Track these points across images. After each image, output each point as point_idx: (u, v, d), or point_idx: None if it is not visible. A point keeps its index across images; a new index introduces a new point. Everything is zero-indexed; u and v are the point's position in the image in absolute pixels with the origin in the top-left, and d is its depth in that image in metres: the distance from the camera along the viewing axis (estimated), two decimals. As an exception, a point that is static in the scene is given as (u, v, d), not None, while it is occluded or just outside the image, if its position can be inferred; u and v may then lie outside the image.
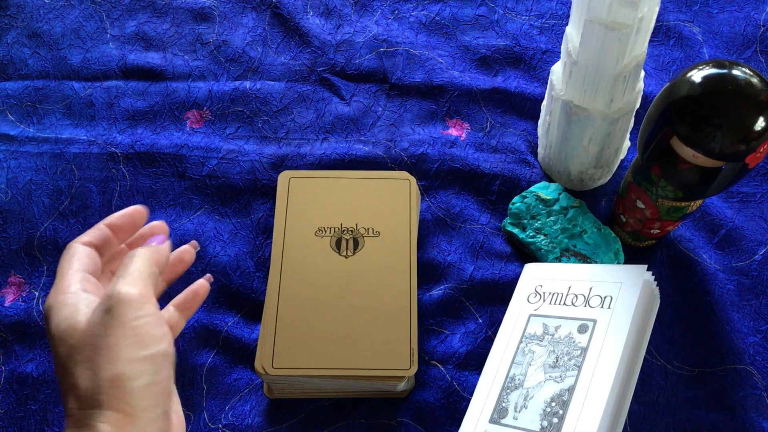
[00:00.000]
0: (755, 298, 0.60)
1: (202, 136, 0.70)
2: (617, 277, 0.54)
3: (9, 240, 0.65)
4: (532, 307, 0.57)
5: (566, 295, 0.56)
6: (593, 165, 0.62)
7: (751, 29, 0.73)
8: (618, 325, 0.51)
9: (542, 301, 0.57)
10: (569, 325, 0.54)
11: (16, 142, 0.70)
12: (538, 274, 0.59)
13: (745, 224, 0.63)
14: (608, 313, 0.52)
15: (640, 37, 0.51)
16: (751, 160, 0.46)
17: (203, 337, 0.60)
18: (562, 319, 0.54)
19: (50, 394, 0.58)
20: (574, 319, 0.54)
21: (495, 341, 0.57)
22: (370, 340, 0.54)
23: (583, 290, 0.55)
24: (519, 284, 0.60)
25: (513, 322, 0.57)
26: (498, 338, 0.57)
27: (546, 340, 0.54)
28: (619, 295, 0.53)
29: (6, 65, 0.75)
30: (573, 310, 0.54)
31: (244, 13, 0.78)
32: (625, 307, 0.52)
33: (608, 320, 0.52)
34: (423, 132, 0.70)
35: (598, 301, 0.54)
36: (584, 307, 0.54)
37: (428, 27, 0.76)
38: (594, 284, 0.55)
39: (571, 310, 0.54)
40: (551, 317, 0.55)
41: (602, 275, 0.55)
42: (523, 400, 0.51)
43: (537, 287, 0.58)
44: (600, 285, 0.55)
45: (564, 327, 0.54)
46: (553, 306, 0.56)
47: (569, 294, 0.56)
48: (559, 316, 0.55)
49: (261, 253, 0.64)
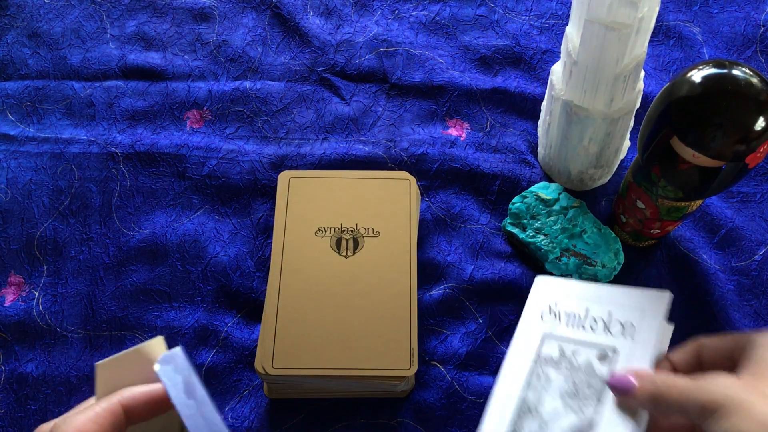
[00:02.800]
0: (755, 298, 0.60)
1: (202, 136, 0.70)
2: (639, 302, 0.52)
3: (9, 240, 0.65)
4: (547, 327, 0.54)
5: (584, 318, 0.53)
6: (593, 165, 0.62)
7: (751, 29, 0.73)
8: (640, 358, 0.49)
9: (558, 320, 0.54)
10: (588, 351, 0.51)
11: (16, 142, 0.70)
12: (552, 290, 0.56)
13: (745, 224, 0.63)
14: (630, 343, 0.50)
15: (640, 37, 0.51)
16: (751, 160, 0.46)
17: (203, 337, 0.60)
18: (580, 344, 0.52)
19: (50, 394, 0.58)
20: (594, 345, 0.51)
21: (506, 357, 0.54)
22: (370, 340, 0.54)
23: (602, 314, 0.53)
24: (530, 298, 0.57)
25: (525, 339, 0.54)
26: (509, 355, 0.54)
27: (563, 366, 0.51)
28: (642, 324, 0.51)
29: (6, 65, 0.75)
30: (592, 335, 0.52)
31: (244, 13, 0.78)
32: (648, 338, 0.50)
33: (630, 351, 0.50)
34: (423, 132, 0.70)
35: (619, 328, 0.51)
36: (604, 333, 0.52)
37: (428, 27, 0.76)
38: (614, 308, 0.53)
39: (589, 335, 0.52)
40: (568, 340, 0.53)
41: (622, 299, 0.53)
42: (539, 429, 0.49)
43: (551, 305, 0.55)
44: (620, 310, 0.52)
45: (582, 353, 0.51)
46: (569, 328, 0.53)
47: (587, 317, 0.53)
48: (576, 340, 0.52)
49: (261, 253, 0.64)
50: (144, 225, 0.65)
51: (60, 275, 0.63)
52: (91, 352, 0.60)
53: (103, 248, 0.64)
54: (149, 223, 0.65)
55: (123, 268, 0.63)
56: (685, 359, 0.45)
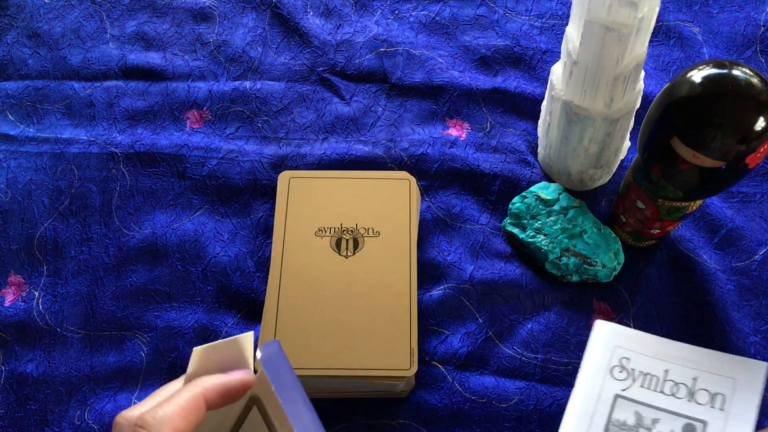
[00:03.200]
0: (755, 298, 0.60)
1: (202, 136, 0.70)
2: (730, 370, 0.48)
3: (9, 240, 0.65)
4: (619, 386, 0.49)
5: (663, 380, 0.48)
6: (593, 165, 0.62)
7: (751, 29, 0.73)
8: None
9: (632, 380, 0.49)
10: (671, 421, 0.46)
11: (16, 142, 0.70)
12: (622, 342, 0.51)
13: (745, 224, 0.63)
14: (722, 416, 0.46)
15: (640, 37, 0.51)
16: (751, 160, 0.46)
17: (203, 337, 0.60)
18: (661, 412, 0.47)
19: (50, 394, 0.58)
20: (678, 415, 0.47)
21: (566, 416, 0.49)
22: (370, 341, 0.54)
23: (685, 379, 0.48)
24: (593, 345, 0.51)
25: (594, 397, 0.49)
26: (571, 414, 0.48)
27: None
28: (734, 395, 0.46)
29: (6, 65, 0.75)
30: (675, 402, 0.47)
31: (244, 13, 0.78)
32: (744, 414, 0.45)
33: (723, 426, 0.45)
34: (423, 132, 0.70)
35: (707, 397, 0.47)
36: (689, 401, 0.47)
37: (428, 27, 0.76)
38: (700, 374, 0.48)
39: (672, 402, 0.47)
40: (646, 406, 0.47)
41: (710, 365, 0.48)
42: None
43: (623, 360, 0.50)
44: (708, 377, 0.48)
45: (664, 422, 0.46)
46: (646, 391, 0.48)
47: (667, 380, 0.48)
48: (656, 407, 0.47)
49: (261, 253, 0.64)
50: (144, 225, 0.65)
51: (60, 275, 0.63)
52: (90, 352, 0.60)
53: (103, 248, 0.64)
54: (149, 223, 0.65)
55: (123, 268, 0.63)
56: None
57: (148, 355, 0.60)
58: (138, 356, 0.60)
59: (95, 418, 0.57)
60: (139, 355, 0.60)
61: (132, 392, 0.58)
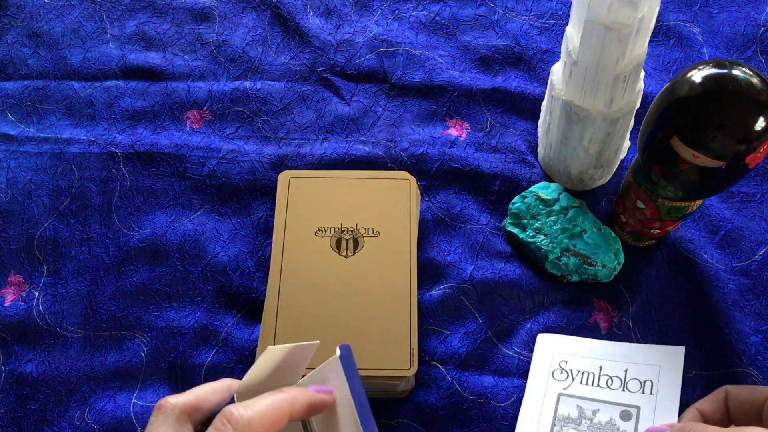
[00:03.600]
0: (755, 298, 0.60)
1: (202, 136, 0.70)
2: (654, 358, 0.52)
3: (9, 240, 0.65)
4: (561, 386, 0.54)
5: (598, 376, 0.53)
6: (593, 165, 0.62)
7: (751, 29, 0.73)
8: (666, 413, 0.49)
9: (571, 379, 0.54)
10: (609, 410, 0.51)
11: (16, 142, 0.70)
12: (560, 348, 0.56)
13: (745, 224, 0.63)
14: (651, 399, 0.50)
15: (640, 37, 0.51)
16: (751, 160, 0.46)
17: (203, 337, 0.60)
18: (599, 403, 0.52)
19: (50, 394, 0.58)
20: (614, 404, 0.51)
21: (520, 419, 0.54)
22: (369, 340, 0.54)
23: (617, 372, 0.53)
24: (536, 355, 0.57)
25: (539, 399, 0.54)
26: (525, 416, 0.53)
27: (584, 425, 0.51)
28: (660, 380, 0.51)
29: (6, 65, 0.75)
30: (610, 393, 0.52)
31: (244, 13, 0.78)
32: (670, 394, 0.50)
33: (653, 408, 0.50)
34: (423, 132, 0.70)
35: (638, 385, 0.52)
36: (622, 391, 0.52)
37: (428, 27, 0.76)
38: (629, 366, 0.53)
39: (608, 394, 0.52)
40: (586, 399, 0.52)
41: (637, 356, 0.53)
42: None
43: (561, 363, 0.55)
44: (636, 367, 0.53)
45: (603, 412, 0.51)
46: (585, 387, 0.53)
47: (602, 375, 0.53)
48: (595, 399, 0.52)
49: (261, 253, 0.64)
50: (144, 225, 0.65)
51: (60, 275, 0.63)
52: (90, 352, 0.60)
53: (103, 248, 0.64)
54: (149, 223, 0.65)
55: (123, 268, 0.63)
56: (713, 409, 0.45)
57: (148, 355, 0.60)
58: (138, 356, 0.60)
59: (95, 418, 0.57)
60: (139, 355, 0.60)
61: (132, 392, 0.58)
